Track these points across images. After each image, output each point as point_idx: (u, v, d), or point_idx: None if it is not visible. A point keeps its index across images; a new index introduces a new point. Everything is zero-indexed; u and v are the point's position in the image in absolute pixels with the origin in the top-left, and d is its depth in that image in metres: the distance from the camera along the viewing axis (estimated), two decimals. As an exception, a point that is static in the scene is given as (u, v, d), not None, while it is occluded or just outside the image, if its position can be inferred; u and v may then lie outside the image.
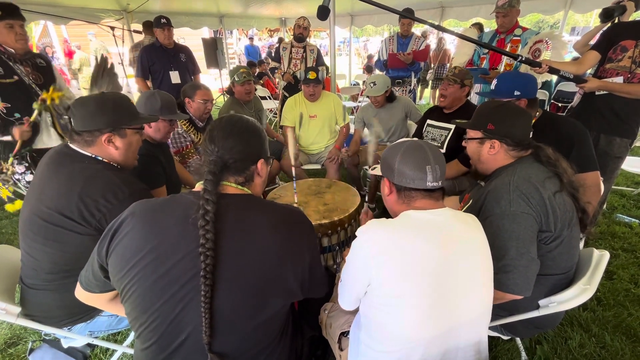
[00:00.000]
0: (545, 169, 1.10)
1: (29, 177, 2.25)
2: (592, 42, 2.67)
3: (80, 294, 0.93)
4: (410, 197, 0.92)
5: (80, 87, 7.81)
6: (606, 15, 2.07)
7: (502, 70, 2.84)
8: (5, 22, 1.99)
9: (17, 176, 2.26)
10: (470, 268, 0.85)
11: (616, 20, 2.09)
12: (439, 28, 2.26)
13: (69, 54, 7.95)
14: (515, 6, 2.58)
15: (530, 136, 1.18)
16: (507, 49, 2.69)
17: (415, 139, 0.97)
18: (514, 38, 2.74)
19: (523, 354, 1.49)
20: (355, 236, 0.88)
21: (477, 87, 3.00)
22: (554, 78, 4.40)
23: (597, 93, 2.00)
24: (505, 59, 2.79)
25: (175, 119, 1.70)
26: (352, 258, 0.88)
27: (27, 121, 2.04)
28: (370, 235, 0.84)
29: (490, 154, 1.17)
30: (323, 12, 1.81)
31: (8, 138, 2.11)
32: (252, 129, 0.89)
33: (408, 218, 0.87)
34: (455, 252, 0.83)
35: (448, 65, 6.23)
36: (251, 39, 10.17)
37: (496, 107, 1.19)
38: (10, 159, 2.13)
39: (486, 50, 2.91)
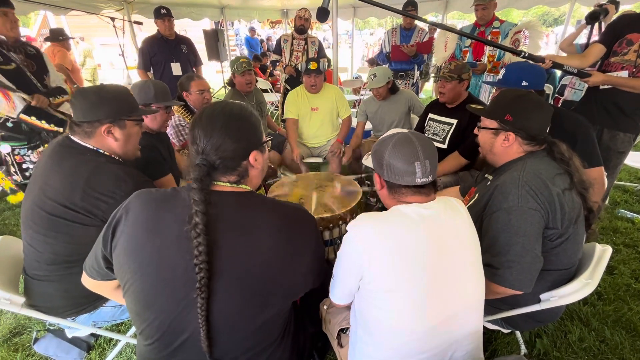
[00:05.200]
0: (556, 165, 1.07)
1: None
2: (576, 41, 2.89)
3: (86, 281, 0.93)
4: (401, 193, 0.90)
5: (84, 78, 7.75)
6: (592, 17, 2.25)
7: (486, 61, 2.89)
8: (0, 10, 1.99)
9: (25, 165, 2.27)
10: (461, 259, 0.85)
11: (597, 23, 2.26)
12: (437, 25, 2.27)
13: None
14: None
15: (547, 131, 1.13)
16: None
17: (405, 130, 0.92)
18: (494, 30, 2.88)
19: (522, 347, 1.50)
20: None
21: None
22: (558, 72, 4.37)
23: (601, 87, 1.97)
24: (487, 51, 2.94)
25: (170, 105, 1.69)
26: (344, 252, 0.88)
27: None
28: (361, 229, 0.84)
29: (504, 146, 1.13)
30: (323, 14, 1.79)
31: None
32: (239, 118, 0.79)
33: (397, 212, 0.87)
34: (445, 244, 0.84)
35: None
36: (252, 30, 9.54)
37: (516, 98, 1.13)
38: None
39: (468, 44, 3.01)
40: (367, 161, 1.14)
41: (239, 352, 0.80)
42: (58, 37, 3.97)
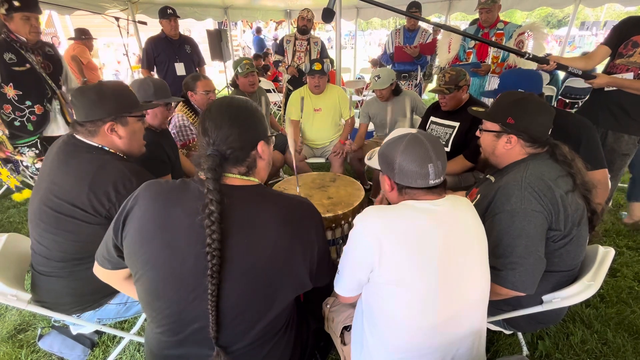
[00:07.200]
0: (559, 167, 1.07)
1: (40, 165, 2.29)
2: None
3: (98, 270, 0.94)
4: (413, 194, 0.91)
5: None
6: None
7: (489, 62, 2.92)
8: (22, 14, 2.00)
9: (25, 163, 2.30)
10: (469, 255, 0.86)
11: None
12: (441, 26, 2.27)
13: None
14: (497, 1, 2.77)
15: (550, 133, 1.13)
16: None
17: (413, 131, 0.93)
18: (498, 32, 2.88)
19: (524, 348, 1.50)
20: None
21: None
22: (562, 74, 4.37)
23: (606, 89, 1.97)
24: (491, 52, 2.93)
25: (169, 101, 1.70)
26: (352, 245, 0.88)
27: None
28: (370, 222, 0.84)
29: (506, 148, 1.13)
30: (328, 15, 1.80)
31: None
32: (245, 110, 0.83)
33: (408, 206, 0.87)
34: (455, 240, 0.84)
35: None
36: (258, 29, 9.78)
37: (518, 100, 1.12)
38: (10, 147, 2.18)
39: (472, 45, 3.02)
40: (371, 162, 1.13)
41: (244, 343, 0.82)
42: (81, 36, 4.42)
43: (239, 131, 0.80)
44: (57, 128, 2.33)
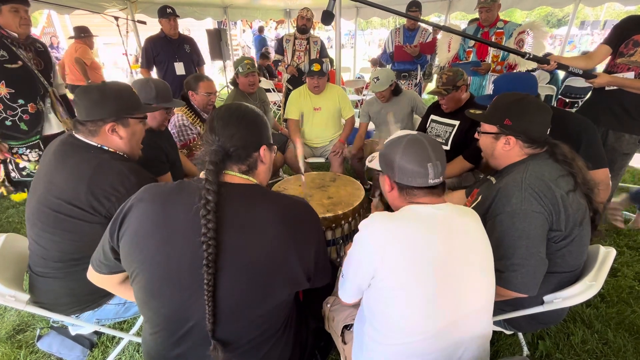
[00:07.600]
0: (559, 166, 1.07)
1: None
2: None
3: (92, 275, 0.94)
4: (413, 194, 0.91)
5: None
6: None
7: (490, 61, 2.92)
8: (11, 6, 1.98)
9: (21, 165, 2.28)
10: (473, 260, 0.85)
11: None
12: (440, 27, 2.27)
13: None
14: (497, 0, 2.78)
15: (548, 133, 1.13)
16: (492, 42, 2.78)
17: (414, 132, 0.95)
18: (498, 31, 2.88)
19: (525, 348, 1.49)
20: (358, 230, 0.89)
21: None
22: (561, 73, 4.37)
23: (607, 88, 1.97)
24: (491, 51, 2.93)
25: (172, 107, 1.69)
26: (356, 251, 0.88)
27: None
28: (375, 228, 0.85)
29: (505, 149, 1.13)
30: (327, 17, 1.80)
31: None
32: (251, 115, 0.88)
33: (410, 211, 0.88)
34: (458, 245, 0.84)
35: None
36: (261, 28, 9.78)
37: (515, 102, 1.13)
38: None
39: (472, 44, 3.03)
40: (372, 164, 1.14)
41: (242, 341, 0.82)
42: (80, 34, 4.35)
43: (244, 131, 0.85)
44: (50, 127, 2.30)
